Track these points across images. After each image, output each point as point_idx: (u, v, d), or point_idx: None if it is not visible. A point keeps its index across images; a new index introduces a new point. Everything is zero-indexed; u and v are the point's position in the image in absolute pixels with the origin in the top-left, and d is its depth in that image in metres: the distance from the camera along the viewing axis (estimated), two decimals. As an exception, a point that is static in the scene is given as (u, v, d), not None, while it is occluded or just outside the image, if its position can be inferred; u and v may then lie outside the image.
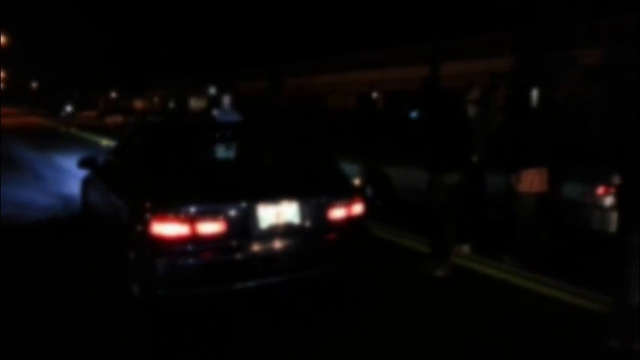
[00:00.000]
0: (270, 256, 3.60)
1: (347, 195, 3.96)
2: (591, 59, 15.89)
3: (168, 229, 3.35)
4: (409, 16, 23.40)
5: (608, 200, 4.78)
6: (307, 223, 3.70)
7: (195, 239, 3.36)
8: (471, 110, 5.06)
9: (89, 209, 5.43)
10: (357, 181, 7.13)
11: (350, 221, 3.89)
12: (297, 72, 31.36)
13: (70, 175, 8.83)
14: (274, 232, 3.59)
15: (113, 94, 60.92)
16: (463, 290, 4.44)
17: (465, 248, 5.28)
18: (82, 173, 5.81)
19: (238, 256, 3.48)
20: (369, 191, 7.35)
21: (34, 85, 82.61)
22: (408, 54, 23.15)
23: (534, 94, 11.87)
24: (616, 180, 3.86)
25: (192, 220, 3.35)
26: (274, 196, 3.63)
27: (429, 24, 17.97)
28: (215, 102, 37.19)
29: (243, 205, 3.51)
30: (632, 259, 3.15)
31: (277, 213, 3.59)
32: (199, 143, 4.40)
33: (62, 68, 69.83)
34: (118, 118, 37.72)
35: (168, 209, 3.40)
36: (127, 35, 52.31)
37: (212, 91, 40.19)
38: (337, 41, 29.26)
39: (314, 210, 3.73)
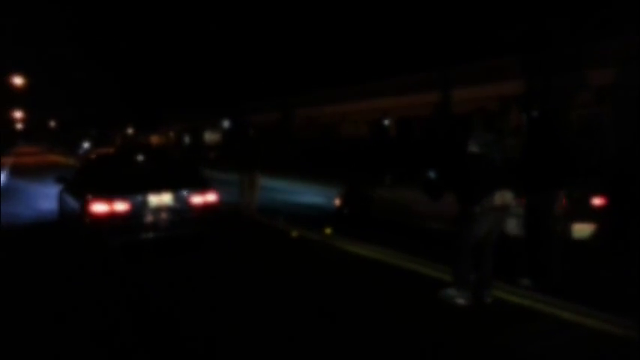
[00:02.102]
0: (156, 222, 6.39)
1: (202, 189, 6.77)
2: (602, 80, 15.90)
3: (97, 207, 6.08)
4: (417, 43, 23.71)
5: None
6: (177, 205, 6.51)
7: (113, 213, 6.10)
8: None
9: (61, 208, 8.01)
10: (336, 201, 9.24)
11: (205, 204, 6.69)
12: (308, 102, 31.77)
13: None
14: (158, 209, 6.39)
15: (130, 131, 62.10)
16: (485, 318, 4.39)
17: (525, 281, 5.11)
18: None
19: (139, 221, 6.29)
20: (346, 209, 9.02)
21: (52, 123, 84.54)
22: (419, 81, 23.38)
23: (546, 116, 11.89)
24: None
25: (110, 202, 6.10)
26: (159, 189, 6.43)
27: (438, 51, 18.22)
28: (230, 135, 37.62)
29: (140, 194, 6.31)
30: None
31: (160, 199, 6.40)
32: (118, 163, 7.57)
33: (79, 107, 71.45)
34: (134, 154, 38.44)
35: (97, 196, 6.16)
36: (140, 73, 53.56)
37: (226, 124, 40.80)
38: (346, 71, 29.67)
39: (181, 197, 6.55)
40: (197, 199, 6.63)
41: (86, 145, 45.26)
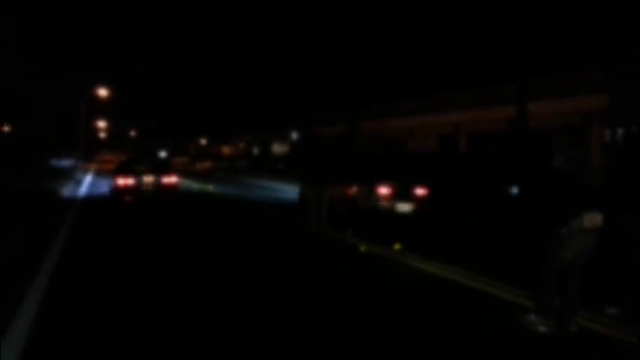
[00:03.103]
0: (146, 189, 15.31)
1: (168, 173, 16.20)
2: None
3: (119, 180, 15.21)
4: (489, 55, 23.01)
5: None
6: (156, 181, 15.55)
7: (126, 183, 15.12)
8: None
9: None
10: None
11: (170, 182, 15.83)
12: (374, 115, 31.66)
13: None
14: (147, 183, 15.41)
15: (203, 141, 64.66)
16: (568, 347, 4.09)
17: (612, 310, 4.74)
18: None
19: (138, 188, 15.21)
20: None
21: (132, 133, 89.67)
22: (492, 94, 22.68)
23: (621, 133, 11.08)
24: None
25: (124, 178, 15.25)
26: (148, 173, 15.72)
27: (513, 63, 17.56)
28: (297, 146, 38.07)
29: (138, 175, 15.50)
30: None
31: (147, 178, 15.50)
32: (130, 162, 18.24)
33: (157, 117, 75.37)
34: (207, 164, 39.99)
35: (117, 174, 15.68)
36: (213, 86, 55.74)
37: (294, 136, 41.45)
38: (414, 83, 29.31)
39: (157, 177, 15.65)
40: (166, 179, 15.81)
41: (163, 154, 47.54)
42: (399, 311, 4.82)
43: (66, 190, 18.31)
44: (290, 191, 17.41)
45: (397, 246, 7.39)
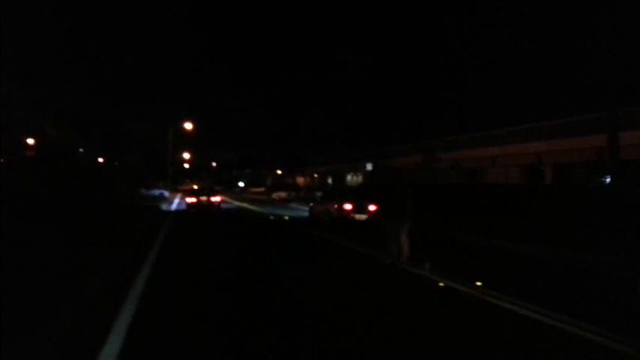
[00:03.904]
0: (202, 204, 25.47)
1: (215, 195, 26.82)
2: None
3: (187, 199, 26.27)
4: (577, 83, 21.92)
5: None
6: (207, 199, 25.83)
7: (192, 201, 25.60)
8: None
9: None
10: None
11: (215, 200, 26.23)
12: (452, 145, 30.96)
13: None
14: (202, 200, 25.69)
15: (279, 172, 66.37)
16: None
17: None
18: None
19: (199, 204, 25.39)
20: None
21: (213, 164, 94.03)
22: (579, 123, 21.50)
23: None
24: None
25: (191, 197, 26.14)
26: (204, 195, 26.35)
27: (601, 90, 16.59)
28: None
29: (199, 197, 26.03)
30: None
31: (202, 197, 25.95)
32: (194, 189, 32.23)
33: (236, 149, 78.60)
34: (282, 194, 40.90)
35: (187, 196, 27.26)
36: (290, 119, 57.45)
37: (369, 167, 41.42)
38: (493, 113, 28.47)
39: (208, 197, 26.03)
40: (216, 198, 26.03)
41: (241, 184, 49.17)
42: None
43: (164, 206, 29.14)
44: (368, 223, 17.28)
45: (479, 283, 7.04)
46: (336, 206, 16.43)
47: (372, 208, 15.81)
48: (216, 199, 25.98)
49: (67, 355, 4.02)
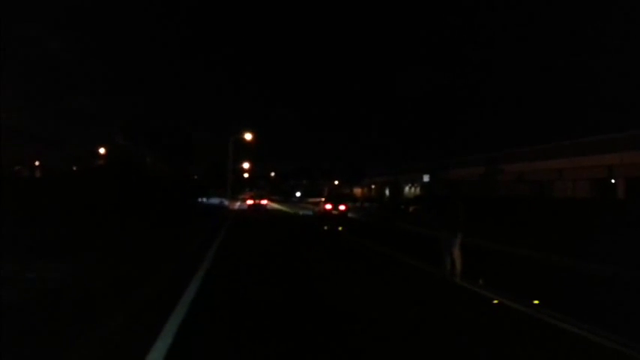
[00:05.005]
0: (256, 206, 39.77)
1: (263, 199, 41.85)
2: None
3: (248, 202, 41.65)
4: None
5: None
6: (259, 202, 40.67)
7: (250, 203, 39.95)
8: None
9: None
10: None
11: (264, 202, 40.84)
12: (516, 157, 29.75)
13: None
14: (256, 203, 40.12)
15: (336, 182, 66.44)
16: None
17: None
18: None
19: (255, 205, 39.29)
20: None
21: (272, 174, 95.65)
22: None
23: None
24: None
25: (250, 201, 40.65)
26: (257, 199, 41.04)
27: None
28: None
29: (255, 200, 40.36)
30: None
31: (257, 201, 40.64)
32: (252, 195, 45.01)
33: (294, 160, 79.63)
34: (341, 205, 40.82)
35: (247, 200, 43.24)
36: (350, 129, 57.44)
37: (425, 178, 40.59)
38: (560, 124, 27.10)
39: (260, 200, 40.84)
40: (343, 207, 28.90)
41: (298, 194, 49.65)
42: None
43: (230, 206, 39.54)
44: (423, 235, 16.87)
45: (536, 301, 6.61)
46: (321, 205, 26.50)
47: (342, 207, 28.71)
48: (263, 201, 40.06)
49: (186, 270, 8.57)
